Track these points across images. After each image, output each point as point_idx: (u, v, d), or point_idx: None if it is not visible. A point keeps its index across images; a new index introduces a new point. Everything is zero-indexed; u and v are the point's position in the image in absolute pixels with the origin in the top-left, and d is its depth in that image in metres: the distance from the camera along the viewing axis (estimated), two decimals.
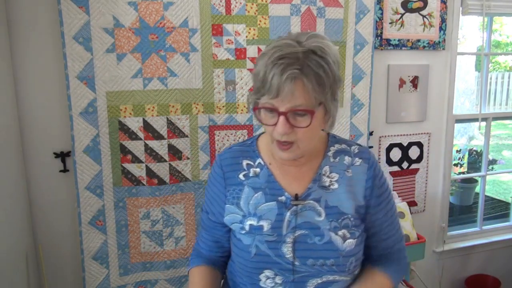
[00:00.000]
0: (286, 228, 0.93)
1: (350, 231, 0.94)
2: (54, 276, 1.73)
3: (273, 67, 0.82)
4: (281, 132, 0.84)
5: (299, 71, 0.81)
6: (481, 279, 2.63)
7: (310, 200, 0.95)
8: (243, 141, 1.07)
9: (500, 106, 7.32)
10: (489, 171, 2.83)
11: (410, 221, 1.84)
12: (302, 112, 0.84)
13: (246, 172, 0.99)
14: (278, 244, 0.93)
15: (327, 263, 0.91)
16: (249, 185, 0.98)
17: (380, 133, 2.20)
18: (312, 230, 0.93)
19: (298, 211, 0.94)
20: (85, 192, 1.64)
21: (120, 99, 1.62)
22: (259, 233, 0.94)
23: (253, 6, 1.72)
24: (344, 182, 0.96)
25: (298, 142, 0.87)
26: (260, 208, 0.96)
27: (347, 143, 1.02)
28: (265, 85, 0.83)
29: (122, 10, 1.57)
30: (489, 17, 2.45)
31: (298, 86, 0.81)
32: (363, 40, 1.98)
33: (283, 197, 0.95)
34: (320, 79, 0.83)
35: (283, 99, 0.82)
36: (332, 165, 0.98)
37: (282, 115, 0.83)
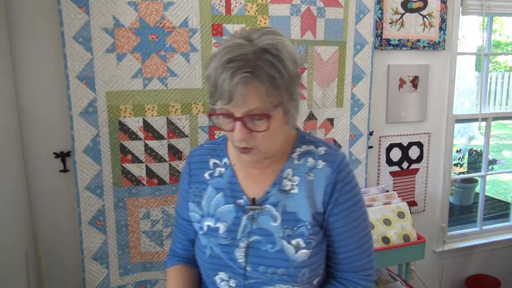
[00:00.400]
0: (241, 232, 0.91)
1: (306, 241, 0.88)
2: (54, 276, 1.73)
3: (223, 71, 0.77)
4: (239, 138, 0.81)
5: (250, 74, 0.76)
6: (481, 279, 2.63)
7: (268, 205, 0.90)
8: (215, 139, 1.06)
9: (500, 106, 7.31)
10: (489, 171, 2.83)
11: (410, 221, 1.84)
12: (258, 117, 0.80)
13: (211, 171, 0.97)
14: (231, 248, 0.91)
15: (277, 272, 0.88)
16: (213, 185, 0.96)
17: (380, 133, 2.20)
18: (265, 237, 0.89)
19: (255, 216, 0.91)
20: (85, 192, 1.64)
21: (120, 99, 1.62)
22: (214, 235, 0.93)
23: (253, 6, 1.72)
24: (304, 186, 0.90)
25: (258, 146, 0.83)
26: (219, 209, 0.94)
27: (315, 144, 0.94)
28: (217, 90, 0.79)
29: (122, 10, 1.57)
30: (489, 17, 2.45)
31: (251, 90, 0.76)
32: (363, 40, 1.98)
33: (242, 200, 0.93)
34: (274, 80, 0.78)
35: (236, 104, 0.77)
36: (295, 168, 0.92)
37: (238, 120, 0.79)
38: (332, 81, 1.96)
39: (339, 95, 1.98)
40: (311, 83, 1.90)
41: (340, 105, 2.00)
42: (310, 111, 1.92)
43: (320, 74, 1.92)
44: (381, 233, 1.76)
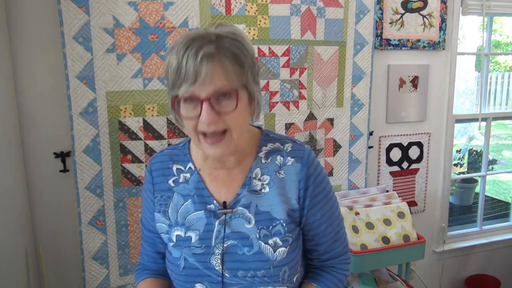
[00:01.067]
0: (215, 238, 0.87)
1: (283, 239, 0.87)
2: (54, 276, 1.73)
3: (186, 51, 0.75)
4: (207, 120, 0.76)
5: (215, 50, 0.75)
6: (481, 279, 2.63)
7: (240, 207, 0.88)
8: (176, 144, 0.99)
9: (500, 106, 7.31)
10: (489, 171, 2.83)
11: (410, 221, 1.84)
12: (226, 94, 0.77)
13: (176, 177, 0.92)
14: (207, 256, 0.87)
15: (258, 274, 0.85)
16: (179, 192, 0.91)
17: (380, 133, 2.20)
18: (241, 240, 0.86)
19: (227, 220, 0.87)
20: (85, 192, 1.64)
21: (120, 99, 1.62)
22: (186, 245, 0.88)
23: (253, 6, 1.72)
24: (275, 185, 0.88)
25: (230, 131, 0.79)
26: (188, 218, 0.89)
27: (281, 141, 0.93)
28: (180, 73, 0.75)
29: (122, 10, 1.57)
30: (489, 17, 2.45)
31: (216, 66, 0.75)
32: (363, 40, 1.98)
33: (212, 205, 0.89)
34: (238, 57, 0.78)
35: (202, 83, 0.74)
36: (263, 167, 0.90)
37: (205, 101, 0.75)
38: (332, 81, 1.96)
39: (339, 95, 1.98)
40: (311, 83, 1.90)
41: (340, 105, 2.00)
42: (310, 111, 1.92)
43: (320, 74, 1.92)
44: (381, 233, 1.76)
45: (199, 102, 0.76)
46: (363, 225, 1.77)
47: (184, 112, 0.79)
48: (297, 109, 1.88)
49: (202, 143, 0.81)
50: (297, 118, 1.89)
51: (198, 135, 0.80)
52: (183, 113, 0.79)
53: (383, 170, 2.24)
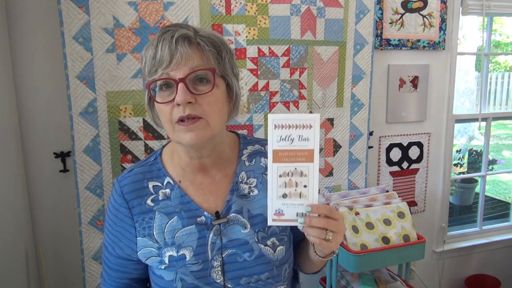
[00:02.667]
0: (211, 251, 0.83)
1: (279, 238, 0.87)
2: (54, 276, 1.73)
3: (161, 36, 0.75)
4: (182, 99, 0.73)
5: (192, 33, 0.76)
6: (481, 279, 2.63)
7: (232, 213, 0.85)
8: (144, 160, 0.92)
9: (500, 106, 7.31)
10: (489, 171, 2.83)
11: (410, 221, 1.84)
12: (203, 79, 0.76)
13: (154, 196, 0.85)
14: (206, 271, 0.83)
15: (261, 277, 0.84)
16: (160, 211, 0.84)
17: (380, 133, 2.20)
18: (240, 247, 0.84)
19: (222, 229, 0.84)
20: (85, 192, 1.64)
21: (120, 99, 1.62)
22: (181, 264, 0.83)
23: (253, 6, 1.72)
24: (264, 186, 0.87)
25: (205, 116, 0.76)
26: (177, 235, 0.84)
27: (260, 143, 0.93)
28: (155, 58, 0.74)
29: (122, 10, 1.57)
30: (489, 17, 2.45)
31: (192, 47, 0.75)
32: (363, 40, 1.98)
33: (202, 217, 0.84)
34: (214, 41, 0.78)
35: (178, 63, 0.73)
36: (248, 170, 0.88)
37: (180, 82, 0.73)
38: (332, 81, 1.96)
39: (339, 95, 1.98)
40: (311, 83, 1.90)
41: (340, 105, 2.00)
42: (310, 111, 1.92)
43: (320, 74, 1.92)
44: (381, 233, 1.76)
45: (175, 84, 0.74)
46: (363, 225, 1.77)
47: (159, 99, 0.76)
48: (297, 109, 1.88)
49: (177, 131, 0.77)
50: None
51: (173, 124, 0.77)
52: (158, 99, 0.76)
53: (383, 170, 2.24)
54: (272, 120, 0.73)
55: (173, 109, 0.75)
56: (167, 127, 0.79)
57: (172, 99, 0.75)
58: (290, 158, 0.74)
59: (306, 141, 0.74)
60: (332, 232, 0.75)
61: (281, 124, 0.73)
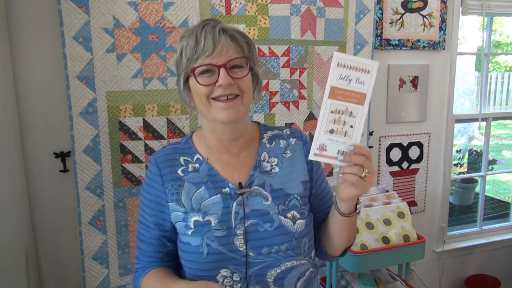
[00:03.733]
0: (234, 220, 0.90)
1: (300, 211, 0.94)
2: (54, 276, 1.73)
3: (203, 28, 0.86)
4: (225, 81, 0.84)
5: (227, 27, 0.88)
6: (481, 279, 2.63)
7: (255, 186, 0.93)
8: (176, 141, 1.03)
9: (500, 106, 7.31)
10: (489, 171, 2.83)
11: (410, 221, 1.84)
12: (238, 66, 0.87)
13: (184, 167, 0.95)
14: (230, 238, 0.89)
15: (281, 248, 0.90)
16: (189, 181, 0.93)
17: (380, 133, 2.20)
18: (261, 217, 0.91)
19: (244, 200, 0.92)
20: (85, 192, 1.64)
21: (120, 99, 1.62)
22: (207, 229, 0.89)
23: (253, 6, 1.72)
24: (284, 164, 0.97)
25: (242, 95, 0.88)
26: (203, 203, 0.92)
27: (278, 129, 1.04)
28: (198, 47, 0.85)
29: (122, 10, 1.57)
30: (489, 17, 2.45)
31: (230, 39, 0.87)
32: (363, 40, 1.98)
33: (227, 188, 0.92)
34: (245, 36, 0.91)
35: (219, 53, 0.85)
36: (269, 150, 0.98)
37: (222, 67, 0.85)
38: None
39: None
40: (311, 83, 1.90)
41: None
42: (310, 111, 1.92)
43: (320, 74, 1.92)
44: (381, 233, 1.76)
45: (217, 69, 0.85)
46: (363, 225, 1.77)
47: (201, 81, 0.86)
48: (297, 109, 1.88)
49: (214, 108, 0.88)
50: (297, 118, 1.89)
51: (211, 101, 0.87)
52: (200, 81, 0.86)
53: (383, 170, 2.24)
54: (336, 58, 0.76)
55: (214, 89, 0.86)
56: (204, 104, 0.88)
57: (213, 82, 0.85)
58: (344, 97, 0.78)
59: (362, 84, 0.78)
60: (368, 171, 0.80)
61: (343, 64, 0.77)
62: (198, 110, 0.93)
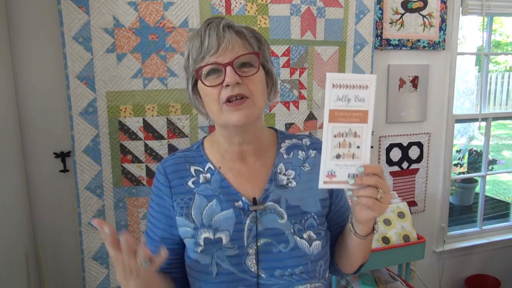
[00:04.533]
0: (247, 238, 0.83)
1: (316, 232, 0.87)
2: (54, 276, 1.73)
3: (208, 26, 0.81)
4: (231, 80, 0.77)
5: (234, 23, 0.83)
6: (481, 279, 2.63)
7: (270, 202, 0.86)
8: (187, 148, 0.96)
9: (500, 106, 7.31)
10: (489, 171, 2.83)
11: (410, 221, 1.84)
12: (247, 63, 0.81)
13: (195, 178, 0.88)
14: (241, 258, 0.83)
15: (295, 271, 0.83)
16: (200, 193, 0.87)
17: (380, 133, 2.20)
18: (275, 237, 0.84)
19: (258, 216, 0.84)
20: (85, 192, 1.64)
21: (120, 99, 1.62)
22: (218, 247, 0.83)
23: (253, 6, 1.72)
24: (302, 179, 0.89)
25: (252, 96, 0.81)
26: (215, 218, 0.85)
27: (297, 137, 0.96)
28: (203, 47, 0.80)
29: (122, 10, 1.57)
30: (489, 17, 2.45)
31: (237, 35, 0.81)
32: (363, 40, 1.98)
33: (240, 202, 0.85)
34: (255, 32, 0.85)
35: (225, 50, 0.79)
36: (286, 162, 0.91)
37: (228, 65, 0.78)
38: None
39: None
40: (311, 83, 1.90)
41: None
42: (310, 111, 1.92)
43: (320, 74, 1.92)
44: (381, 233, 1.76)
45: (223, 68, 0.79)
46: None
47: (208, 82, 0.81)
48: (297, 109, 1.88)
49: (225, 111, 0.81)
50: (297, 118, 1.89)
51: (221, 105, 0.80)
52: (206, 83, 0.81)
53: (383, 170, 2.24)
54: (330, 79, 0.71)
55: (221, 90, 0.80)
56: (214, 108, 0.82)
57: (220, 82, 0.79)
58: (346, 118, 0.74)
59: (361, 101, 0.75)
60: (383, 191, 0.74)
61: (338, 84, 0.72)
62: (210, 116, 0.86)
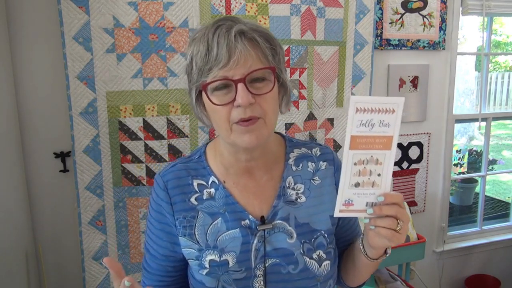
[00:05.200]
0: (255, 258, 0.78)
1: (326, 251, 0.82)
2: (54, 276, 1.73)
3: (215, 32, 0.70)
4: (244, 101, 0.68)
5: (246, 27, 0.71)
6: (481, 279, 2.63)
7: (278, 220, 0.80)
8: (188, 156, 0.87)
9: (500, 106, 7.31)
10: (489, 171, 2.83)
11: (410, 221, 1.84)
12: (259, 78, 0.71)
13: (198, 194, 0.81)
14: (249, 280, 0.78)
15: None
16: (204, 211, 0.80)
17: None
18: (284, 258, 0.79)
19: (266, 236, 0.79)
20: (85, 192, 1.64)
21: (120, 99, 1.62)
22: (224, 271, 0.78)
23: (253, 6, 1.72)
24: (312, 194, 0.83)
25: (264, 116, 0.72)
26: (220, 238, 0.79)
27: (306, 146, 0.88)
28: (210, 56, 0.69)
29: (122, 10, 1.57)
30: (489, 17, 2.45)
31: (250, 44, 0.70)
32: (363, 40, 1.98)
33: (247, 220, 0.79)
34: (268, 36, 0.73)
35: (236, 63, 0.68)
36: (295, 175, 0.84)
37: (239, 82, 0.69)
38: (332, 81, 1.96)
39: (339, 95, 1.98)
40: (311, 83, 1.90)
41: (340, 105, 2.00)
42: (310, 111, 1.92)
43: (320, 74, 1.92)
44: None
45: (233, 84, 0.69)
46: (363, 225, 1.77)
47: (216, 100, 0.71)
48: (297, 109, 1.88)
49: (235, 131, 0.73)
50: (297, 118, 1.89)
51: (231, 124, 0.72)
52: (214, 101, 0.71)
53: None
54: (354, 103, 0.64)
55: (232, 109, 0.71)
56: (222, 127, 0.74)
57: (231, 100, 0.70)
58: (368, 145, 0.67)
59: (386, 127, 0.68)
60: (402, 222, 0.69)
61: (363, 108, 0.64)
62: (217, 131, 0.78)
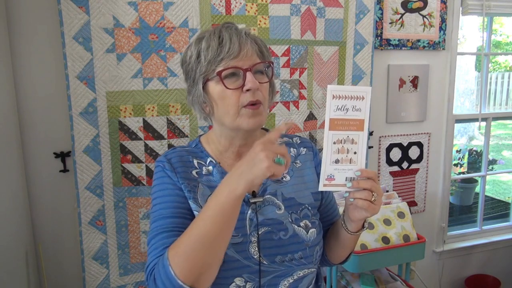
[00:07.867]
0: (249, 227, 0.89)
1: (311, 221, 0.94)
2: (54, 276, 1.73)
3: (226, 30, 0.85)
4: (254, 85, 0.84)
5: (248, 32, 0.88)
6: (481, 279, 2.63)
7: (268, 195, 0.93)
8: (185, 146, 0.99)
9: (500, 106, 7.30)
10: (489, 171, 2.83)
11: (410, 221, 1.84)
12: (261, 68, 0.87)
13: (198, 170, 0.92)
14: (245, 245, 0.87)
15: (295, 257, 0.89)
16: (204, 183, 0.91)
17: (380, 133, 2.20)
18: (275, 226, 0.90)
19: (258, 208, 0.90)
20: (85, 192, 1.64)
21: (120, 99, 1.62)
22: None
23: (253, 6, 1.72)
24: (295, 174, 0.97)
25: (263, 102, 0.88)
26: None
27: (287, 136, 1.04)
28: (222, 49, 0.83)
29: (122, 10, 1.57)
30: (489, 17, 2.45)
31: (253, 44, 0.87)
32: (363, 40, 1.98)
33: None
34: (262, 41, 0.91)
35: (245, 56, 0.84)
36: None
37: (248, 70, 0.84)
38: (332, 81, 1.96)
39: None
40: (311, 83, 1.90)
41: None
42: (310, 111, 1.92)
43: (320, 74, 1.92)
44: (381, 233, 1.76)
45: (242, 72, 0.84)
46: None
47: (229, 84, 0.85)
48: (297, 109, 1.88)
49: (242, 115, 0.86)
50: (297, 118, 1.89)
51: (240, 108, 0.85)
52: (228, 85, 0.84)
53: (383, 170, 2.24)
54: (330, 91, 0.79)
55: (241, 94, 0.85)
56: (230, 112, 0.86)
57: (239, 86, 0.84)
58: (344, 127, 0.81)
59: (358, 111, 0.81)
60: (377, 194, 0.81)
61: (338, 95, 0.79)
62: (221, 117, 0.89)
